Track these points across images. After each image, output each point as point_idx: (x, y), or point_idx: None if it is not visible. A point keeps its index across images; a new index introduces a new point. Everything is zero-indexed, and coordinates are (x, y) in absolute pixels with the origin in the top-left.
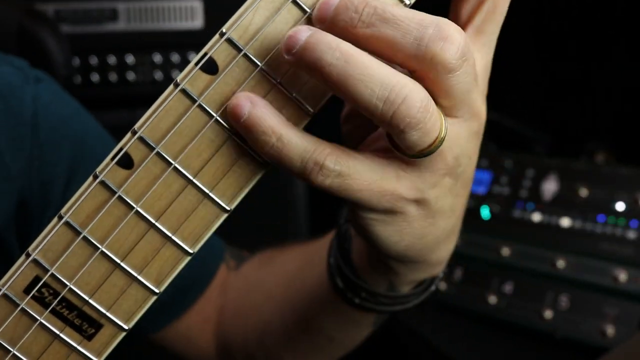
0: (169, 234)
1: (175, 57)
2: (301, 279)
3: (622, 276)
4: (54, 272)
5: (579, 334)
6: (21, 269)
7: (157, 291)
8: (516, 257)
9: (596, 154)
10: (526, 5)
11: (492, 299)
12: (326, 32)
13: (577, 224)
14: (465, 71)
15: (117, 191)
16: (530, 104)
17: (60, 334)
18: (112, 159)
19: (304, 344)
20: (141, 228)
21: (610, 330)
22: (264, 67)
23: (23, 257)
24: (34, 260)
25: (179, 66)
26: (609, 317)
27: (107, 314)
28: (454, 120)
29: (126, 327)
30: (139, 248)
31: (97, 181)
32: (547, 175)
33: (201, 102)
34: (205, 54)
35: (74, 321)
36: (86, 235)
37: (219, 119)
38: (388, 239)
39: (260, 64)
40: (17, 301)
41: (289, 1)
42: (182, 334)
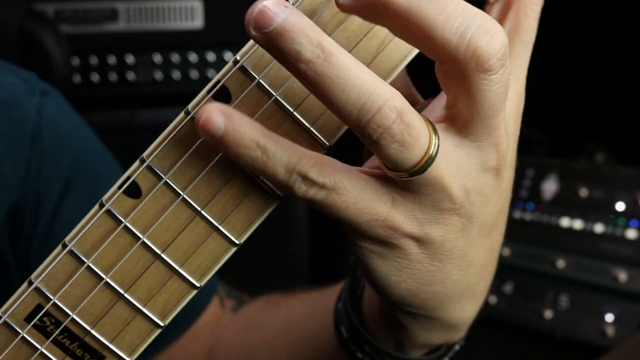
0: (176, 267)
1: (175, 57)
2: (305, 324)
3: (622, 276)
4: (56, 301)
5: (578, 333)
6: (23, 296)
7: (162, 324)
8: (516, 257)
9: (596, 154)
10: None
11: (493, 299)
12: (306, 17)
13: (577, 224)
14: (500, 78)
15: (124, 221)
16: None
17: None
18: (119, 187)
19: None
20: (147, 259)
21: (610, 331)
22: (278, 97)
23: (25, 284)
24: (36, 289)
25: (179, 66)
26: (609, 317)
27: (109, 345)
28: (465, 142)
29: (128, 359)
30: (144, 279)
31: (103, 210)
32: (547, 175)
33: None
34: (218, 81)
35: (75, 351)
36: (90, 265)
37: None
38: (386, 277)
39: (275, 94)
40: (18, 329)
41: None
42: None
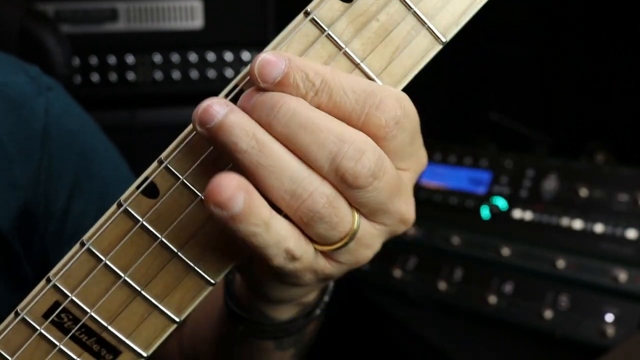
0: (192, 265)
1: (175, 57)
2: (211, 311)
3: (622, 276)
4: (74, 298)
5: (579, 334)
6: (41, 294)
7: (178, 320)
8: (516, 257)
9: (596, 154)
10: (527, 6)
11: (492, 299)
12: (243, 113)
13: (577, 224)
14: (377, 187)
15: (141, 220)
16: (530, 104)
17: None
18: (138, 187)
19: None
20: (164, 257)
21: (610, 331)
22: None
23: (43, 282)
24: (54, 286)
25: (179, 66)
26: (609, 317)
27: (126, 341)
28: (373, 224)
29: (145, 354)
30: (161, 277)
31: (121, 210)
32: (547, 175)
33: None
34: (236, 86)
35: (92, 347)
36: (108, 263)
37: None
38: (277, 294)
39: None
40: (36, 326)
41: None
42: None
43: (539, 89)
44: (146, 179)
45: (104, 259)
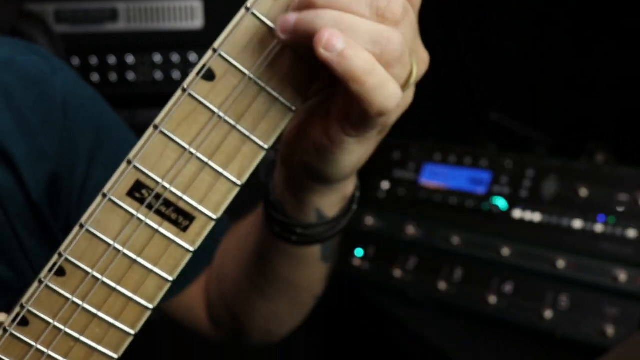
0: (248, 134)
1: (175, 57)
2: (252, 235)
3: (622, 276)
4: (152, 174)
5: (579, 334)
6: (124, 175)
7: (240, 183)
8: (516, 257)
9: (596, 154)
10: (527, 6)
11: (492, 299)
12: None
13: (577, 224)
14: (407, 22)
15: (203, 101)
16: (530, 104)
17: (160, 229)
18: (197, 73)
19: (270, 291)
20: (224, 130)
21: (610, 331)
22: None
23: (124, 164)
24: (135, 167)
25: (179, 66)
26: (609, 317)
27: (199, 207)
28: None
29: (215, 217)
30: (223, 147)
31: (186, 94)
32: (547, 175)
33: (269, 23)
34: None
35: (170, 216)
36: (178, 140)
37: (281, 36)
38: (353, 161)
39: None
40: (122, 204)
41: None
42: (186, 303)
43: (539, 89)
44: (204, 66)
45: (175, 137)
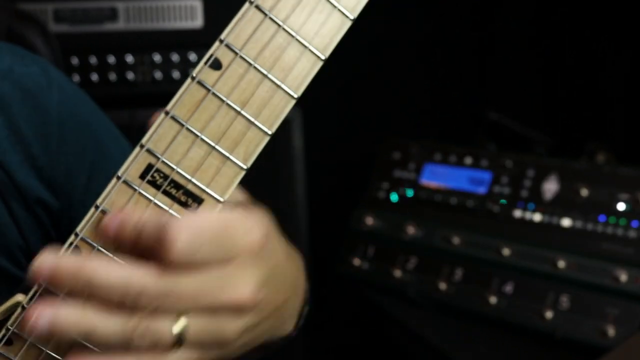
0: (252, 119)
1: (175, 57)
2: None
3: (623, 276)
4: (163, 158)
5: (579, 334)
6: (137, 158)
7: (245, 167)
8: (517, 257)
9: (597, 154)
10: (527, 6)
11: (493, 299)
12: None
13: (578, 224)
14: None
15: (211, 89)
16: (530, 104)
17: (170, 210)
18: (205, 62)
19: None
20: (230, 116)
21: (610, 331)
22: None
23: (137, 148)
24: (147, 150)
25: (179, 66)
26: (610, 318)
27: (207, 189)
28: (202, 319)
29: (222, 199)
30: (229, 133)
31: (195, 81)
32: (548, 175)
33: (271, 15)
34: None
35: (180, 198)
36: (188, 126)
37: (285, 27)
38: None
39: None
40: (135, 186)
41: None
42: None
43: (539, 88)
44: (211, 56)
45: (184, 123)
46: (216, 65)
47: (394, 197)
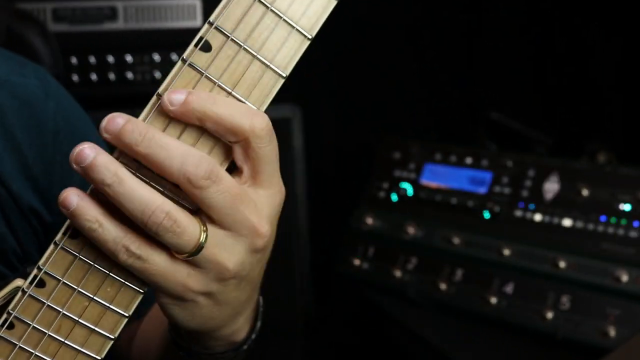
0: (243, 100)
1: (174, 57)
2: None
3: (624, 277)
4: None
5: (580, 334)
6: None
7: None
8: (517, 257)
9: (597, 154)
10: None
11: (493, 300)
12: (109, 156)
13: (579, 224)
14: (217, 190)
15: (204, 72)
16: (531, 104)
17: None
18: (196, 45)
19: None
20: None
21: (611, 331)
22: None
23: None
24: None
25: None
26: (611, 318)
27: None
28: (227, 233)
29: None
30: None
31: (186, 64)
32: (549, 175)
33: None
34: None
35: None
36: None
37: (273, 9)
38: (182, 320)
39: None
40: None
41: None
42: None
43: (539, 88)
44: (201, 38)
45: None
46: (206, 47)
47: (394, 197)
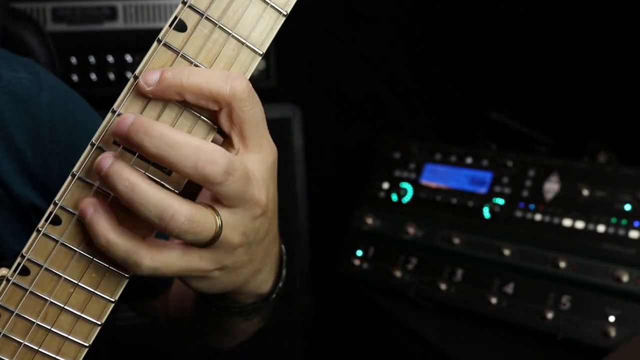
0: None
1: None
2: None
3: (624, 277)
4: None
5: (580, 334)
6: (109, 124)
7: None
8: (518, 257)
9: (598, 154)
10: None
11: (493, 300)
12: (122, 162)
13: (579, 224)
14: (232, 182)
15: (179, 50)
16: (531, 104)
17: (147, 173)
18: (170, 25)
19: (201, 325)
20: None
21: (612, 331)
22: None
23: (110, 114)
24: (119, 116)
25: None
26: (611, 318)
27: None
28: (235, 210)
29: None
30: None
31: (162, 44)
32: (549, 175)
33: None
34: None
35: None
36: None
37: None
38: (202, 289)
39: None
40: (103, 147)
41: None
42: (150, 311)
43: (540, 88)
44: (175, 17)
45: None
46: (181, 27)
47: (394, 197)
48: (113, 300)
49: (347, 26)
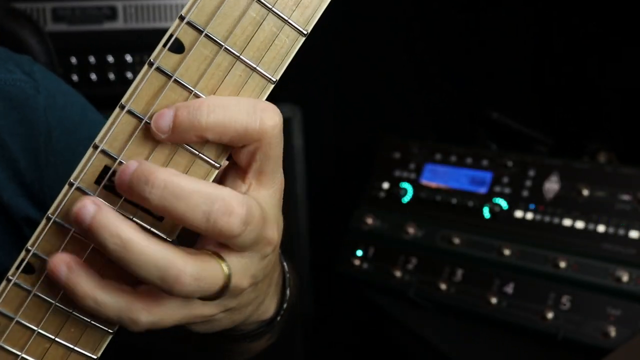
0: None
1: None
2: None
3: (625, 277)
4: (121, 160)
5: (581, 334)
6: (90, 161)
7: (218, 165)
8: (518, 257)
9: (598, 153)
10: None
11: (493, 300)
12: (110, 212)
13: (579, 224)
14: (249, 230)
15: (173, 75)
16: (531, 104)
17: (134, 218)
18: (164, 45)
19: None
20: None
21: (612, 331)
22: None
23: (90, 150)
24: (102, 151)
25: None
26: (611, 318)
27: None
28: (244, 254)
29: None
30: None
31: (153, 68)
32: (549, 175)
33: None
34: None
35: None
36: (147, 121)
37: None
38: (203, 331)
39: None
40: (90, 193)
41: None
42: None
43: (540, 88)
44: (171, 36)
45: (143, 117)
46: (178, 47)
47: (394, 197)
48: (95, 357)
49: (346, 26)
